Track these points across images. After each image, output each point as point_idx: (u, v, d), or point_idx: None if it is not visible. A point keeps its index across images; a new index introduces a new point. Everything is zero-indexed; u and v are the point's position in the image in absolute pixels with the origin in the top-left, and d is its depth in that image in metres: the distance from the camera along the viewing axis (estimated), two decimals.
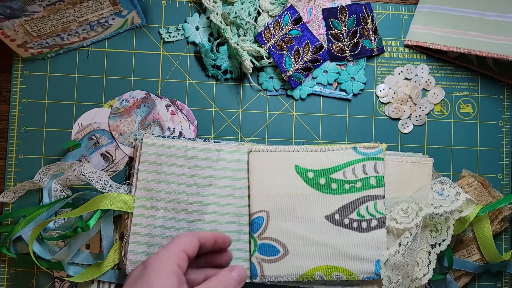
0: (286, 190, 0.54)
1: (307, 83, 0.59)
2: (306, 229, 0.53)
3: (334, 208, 0.54)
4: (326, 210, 0.54)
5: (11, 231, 0.53)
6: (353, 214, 0.54)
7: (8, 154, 0.57)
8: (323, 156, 0.54)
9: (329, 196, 0.54)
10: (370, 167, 0.54)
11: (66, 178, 0.55)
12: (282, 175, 0.54)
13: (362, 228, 0.53)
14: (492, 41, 0.57)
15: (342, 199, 0.54)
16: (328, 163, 0.54)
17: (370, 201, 0.54)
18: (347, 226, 0.53)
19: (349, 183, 0.54)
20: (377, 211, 0.54)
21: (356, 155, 0.54)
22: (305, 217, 0.53)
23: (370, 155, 0.54)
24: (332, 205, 0.54)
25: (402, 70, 0.61)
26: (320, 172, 0.54)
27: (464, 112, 0.61)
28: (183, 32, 0.59)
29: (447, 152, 0.60)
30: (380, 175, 0.54)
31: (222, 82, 0.59)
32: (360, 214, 0.54)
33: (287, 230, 0.53)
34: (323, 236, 0.53)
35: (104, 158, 0.57)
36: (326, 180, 0.54)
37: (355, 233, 0.53)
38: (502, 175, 0.61)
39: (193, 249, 0.42)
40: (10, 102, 0.58)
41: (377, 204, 0.54)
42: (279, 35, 0.58)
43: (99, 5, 0.53)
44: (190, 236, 0.42)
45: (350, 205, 0.54)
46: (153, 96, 0.58)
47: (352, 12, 0.59)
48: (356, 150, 0.54)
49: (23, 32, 0.53)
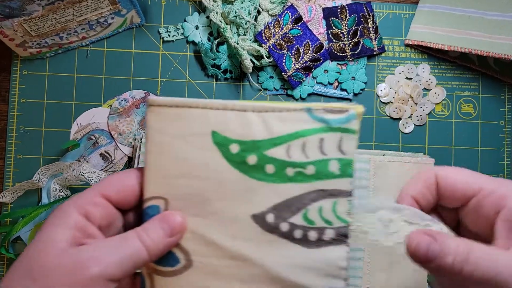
0: (196, 169, 0.34)
1: (308, 82, 0.59)
2: (221, 232, 0.34)
3: (267, 205, 0.34)
4: (254, 206, 0.34)
5: (10, 232, 0.53)
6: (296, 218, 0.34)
7: (7, 154, 0.57)
8: (256, 120, 0.34)
9: (260, 185, 0.34)
10: (332, 144, 0.33)
11: (65, 178, 0.55)
12: (192, 145, 0.34)
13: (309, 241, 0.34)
14: (493, 40, 0.57)
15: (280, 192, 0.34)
16: (264, 132, 0.34)
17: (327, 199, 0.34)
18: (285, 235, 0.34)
19: (295, 167, 0.34)
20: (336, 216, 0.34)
21: (311, 122, 0.34)
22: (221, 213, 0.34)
23: (334, 124, 0.33)
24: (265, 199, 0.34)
25: (403, 70, 0.60)
26: (249, 145, 0.34)
27: (465, 112, 0.61)
28: (182, 32, 0.59)
29: (448, 152, 0.60)
30: (347, 157, 0.33)
31: (222, 82, 0.59)
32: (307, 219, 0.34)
33: (192, 231, 0.34)
34: (245, 247, 0.34)
35: (103, 158, 0.57)
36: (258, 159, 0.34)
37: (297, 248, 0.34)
38: (503, 175, 0.60)
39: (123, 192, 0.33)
40: (9, 101, 0.58)
41: (338, 205, 0.34)
42: (279, 34, 0.58)
43: (98, 5, 0.53)
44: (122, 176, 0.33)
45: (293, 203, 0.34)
46: (153, 95, 0.58)
47: (353, 11, 0.58)
48: (310, 113, 0.33)
49: (22, 31, 0.53)
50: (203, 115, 0.34)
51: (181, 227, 0.33)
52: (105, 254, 0.30)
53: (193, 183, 0.34)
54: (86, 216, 0.31)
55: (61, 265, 0.29)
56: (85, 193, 0.32)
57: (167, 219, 0.33)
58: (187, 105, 0.34)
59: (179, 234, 0.33)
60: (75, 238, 0.30)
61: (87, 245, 0.30)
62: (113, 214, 0.33)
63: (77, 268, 0.29)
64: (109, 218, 0.33)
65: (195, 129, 0.34)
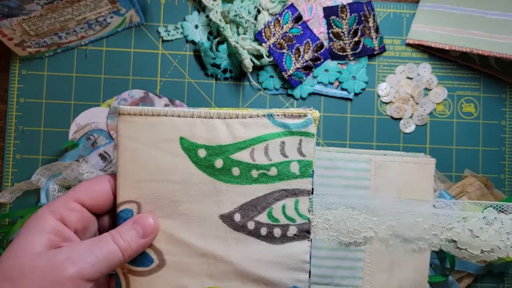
0: (166, 173, 0.37)
1: (308, 82, 0.59)
2: (191, 231, 0.37)
3: (234, 205, 0.37)
4: (221, 206, 0.37)
5: (9, 232, 0.52)
6: (261, 216, 0.37)
7: (6, 154, 0.57)
8: (222, 125, 0.37)
9: (227, 187, 0.37)
10: (292, 147, 0.37)
11: (64, 179, 0.54)
12: (161, 151, 0.37)
13: (274, 238, 0.37)
14: (494, 40, 0.57)
15: (246, 192, 0.37)
16: (229, 137, 0.37)
17: (289, 198, 0.37)
18: (252, 232, 0.37)
19: (259, 169, 0.37)
20: (298, 214, 0.37)
21: (272, 127, 0.37)
22: (190, 214, 0.37)
23: (293, 128, 0.37)
24: (232, 200, 0.37)
25: (403, 69, 0.60)
26: (216, 149, 0.37)
27: (466, 112, 0.61)
28: (182, 31, 0.58)
29: (449, 152, 0.60)
30: (307, 159, 0.37)
31: (221, 81, 0.59)
32: (272, 217, 0.37)
33: (164, 231, 0.37)
34: (214, 245, 0.37)
35: (102, 158, 0.57)
36: (224, 163, 0.37)
37: (263, 244, 0.37)
38: (505, 175, 0.60)
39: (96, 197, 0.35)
40: (8, 101, 0.57)
41: (299, 203, 0.37)
42: (279, 33, 0.57)
43: (97, 4, 0.53)
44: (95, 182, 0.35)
45: (259, 202, 0.37)
46: (152, 95, 0.58)
47: (353, 11, 0.58)
48: (272, 118, 0.37)
49: (21, 31, 0.53)
50: (171, 122, 0.37)
51: (153, 228, 0.35)
52: (81, 256, 0.31)
53: (163, 186, 0.37)
54: (62, 221, 0.33)
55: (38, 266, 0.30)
56: (59, 199, 0.34)
57: (140, 221, 0.35)
58: (156, 114, 0.37)
59: (152, 235, 0.35)
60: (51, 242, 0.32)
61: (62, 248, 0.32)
62: (88, 218, 0.35)
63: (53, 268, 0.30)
64: (84, 222, 0.34)
65: (164, 136, 0.37)
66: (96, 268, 0.31)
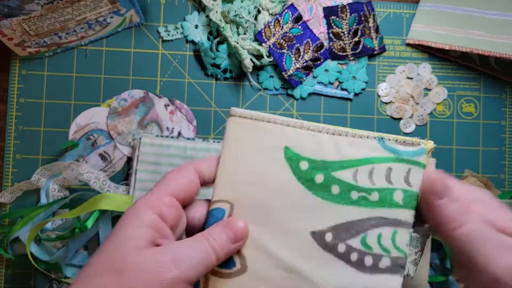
0: (265, 179, 0.36)
1: (308, 82, 0.59)
2: (279, 243, 0.35)
3: (328, 224, 0.35)
4: (315, 223, 0.35)
5: (9, 232, 0.52)
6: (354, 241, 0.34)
7: (6, 154, 0.57)
8: (329, 141, 0.35)
9: (323, 204, 0.35)
10: (400, 174, 0.34)
11: (64, 179, 0.54)
12: (264, 156, 0.36)
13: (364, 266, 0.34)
14: (494, 40, 0.57)
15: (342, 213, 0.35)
16: (334, 153, 0.35)
17: (387, 227, 0.34)
18: (341, 256, 0.34)
19: (360, 191, 0.35)
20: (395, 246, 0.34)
21: (381, 151, 0.35)
22: (281, 225, 0.35)
23: (404, 155, 0.35)
24: (326, 218, 0.35)
25: (403, 69, 0.60)
26: (319, 164, 0.35)
27: (466, 112, 0.61)
28: (182, 31, 0.58)
29: (449, 152, 0.60)
30: (413, 189, 0.34)
31: (221, 81, 0.59)
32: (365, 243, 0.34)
33: (252, 237, 0.35)
34: (301, 261, 0.35)
35: (102, 158, 0.57)
36: (324, 179, 0.35)
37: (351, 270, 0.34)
38: (505, 175, 0.60)
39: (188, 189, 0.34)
40: (8, 101, 0.57)
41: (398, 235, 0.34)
42: (279, 33, 0.57)
43: (97, 4, 0.53)
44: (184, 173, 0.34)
45: (353, 226, 0.34)
46: (152, 95, 0.58)
47: (353, 11, 0.58)
48: (382, 142, 0.35)
49: (21, 31, 0.53)
50: (278, 130, 0.36)
51: (243, 233, 0.34)
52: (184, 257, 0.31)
53: (259, 192, 0.35)
54: (161, 216, 0.32)
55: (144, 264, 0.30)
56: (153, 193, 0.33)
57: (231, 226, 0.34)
58: (265, 119, 0.36)
59: (242, 240, 0.34)
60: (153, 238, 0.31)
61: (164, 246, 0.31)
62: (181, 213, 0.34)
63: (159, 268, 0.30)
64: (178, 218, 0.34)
65: (270, 142, 0.36)
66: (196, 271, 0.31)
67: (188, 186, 0.34)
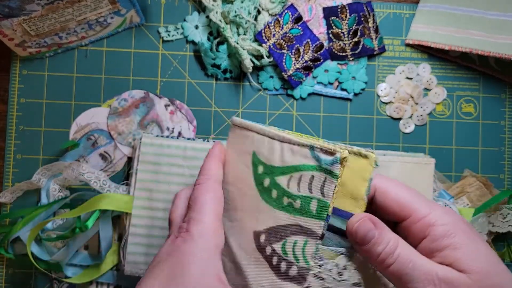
0: (239, 181, 0.39)
1: (308, 82, 0.59)
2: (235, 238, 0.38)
3: (264, 226, 0.36)
4: (258, 224, 0.37)
5: (9, 232, 0.52)
6: (277, 245, 0.35)
7: (6, 154, 0.57)
8: (278, 148, 0.37)
9: (265, 206, 0.37)
10: (318, 184, 0.34)
11: (65, 179, 0.54)
12: (241, 160, 0.39)
13: (280, 271, 0.35)
14: (494, 40, 0.57)
15: (275, 217, 0.36)
16: (279, 160, 0.36)
17: (301, 236, 0.34)
18: (267, 258, 0.36)
19: (289, 198, 0.35)
20: (303, 256, 0.34)
21: (310, 159, 0.35)
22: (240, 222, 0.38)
23: (323, 164, 0.34)
24: (265, 220, 0.36)
25: (403, 69, 0.60)
26: (268, 169, 0.37)
27: (465, 112, 0.61)
28: (182, 31, 0.59)
29: (448, 152, 0.60)
30: (325, 200, 0.34)
31: (221, 82, 0.59)
32: (284, 249, 0.35)
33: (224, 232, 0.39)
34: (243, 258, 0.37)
35: (103, 158, 0.57)
36: (270, 183, 0.37)
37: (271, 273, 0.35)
38: (504, 175, 0.60)
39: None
40: (8, 101, 0.57)
41: (307, 245, 0.34)
42: (279, 34, 0.58)
43: (97, 4, 0.53)
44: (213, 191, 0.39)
45: (279, 231, 0.35)
46: (152, 95, 0.58)
47: (353, 11, 0.58)
48: (312, 150, 0.35)
49: (21, 31, 0.53)
50: (252, 137, 0.39)
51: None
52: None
53: (234, 192, 0.39)
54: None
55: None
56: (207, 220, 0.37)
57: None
58: (247, 128, 0.39)
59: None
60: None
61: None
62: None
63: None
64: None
65: (246, 148, 0.39)
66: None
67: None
